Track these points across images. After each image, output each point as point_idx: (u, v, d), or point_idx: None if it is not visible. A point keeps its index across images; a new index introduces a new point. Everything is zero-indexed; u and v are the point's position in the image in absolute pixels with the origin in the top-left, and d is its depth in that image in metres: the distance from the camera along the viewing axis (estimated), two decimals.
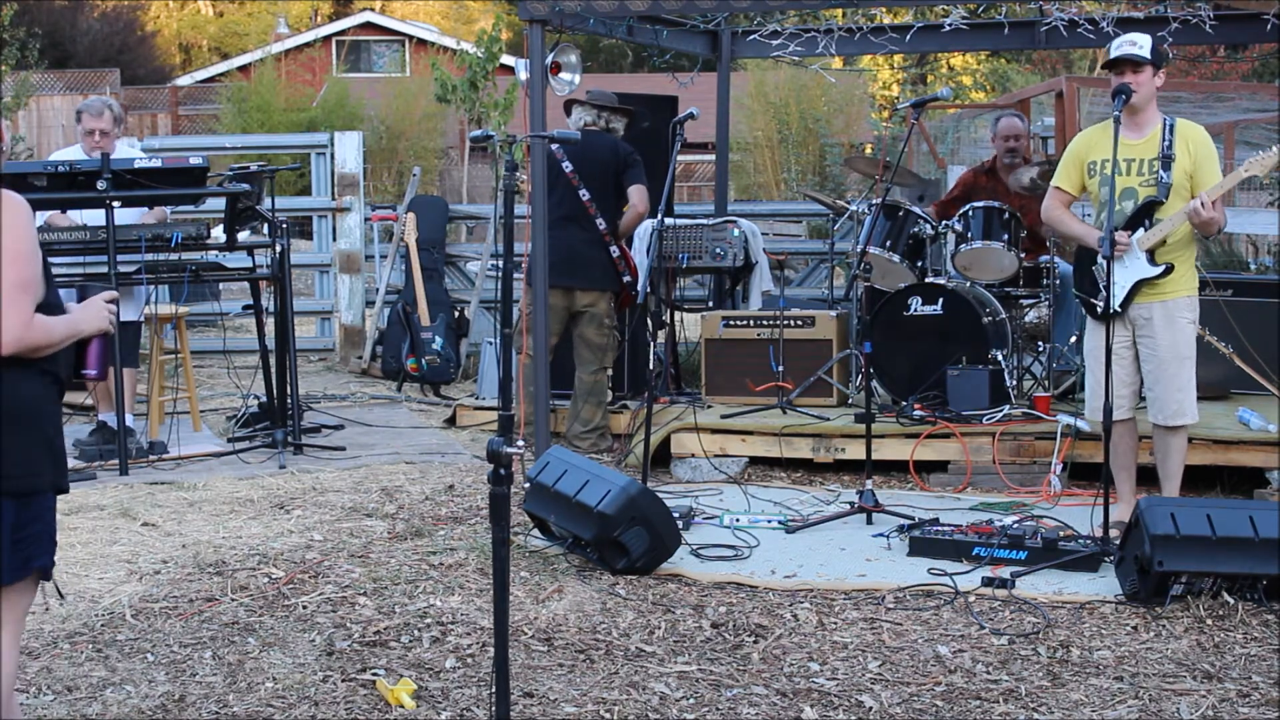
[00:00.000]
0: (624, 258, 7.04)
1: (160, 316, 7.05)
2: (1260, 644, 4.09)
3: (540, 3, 6.80)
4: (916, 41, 8.04)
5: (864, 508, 5.53)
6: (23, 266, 2.81)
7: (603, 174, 6.93)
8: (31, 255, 2.84)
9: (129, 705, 3.68)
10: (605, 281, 6.99)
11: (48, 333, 2.87)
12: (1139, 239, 5.20)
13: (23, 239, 2.82)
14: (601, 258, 6.95)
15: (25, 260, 2.82)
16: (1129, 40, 5.23)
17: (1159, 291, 5.22)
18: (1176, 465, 5.34)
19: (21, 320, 2.79)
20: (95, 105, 6.89)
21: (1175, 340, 5.23)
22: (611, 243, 6.96)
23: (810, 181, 16.15)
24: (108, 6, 29.12)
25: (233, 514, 5.68)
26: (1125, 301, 5.24)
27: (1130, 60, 5.15)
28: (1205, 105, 11.55)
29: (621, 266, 7.02)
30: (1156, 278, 5.20)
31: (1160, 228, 5.18)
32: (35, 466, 2.87)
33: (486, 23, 23.98)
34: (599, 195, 6.92)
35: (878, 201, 6.76)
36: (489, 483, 3.00)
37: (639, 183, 6.94)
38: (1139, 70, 5.17)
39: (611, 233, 6.96)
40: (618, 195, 6.96)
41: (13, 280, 2.79)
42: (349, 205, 10.01)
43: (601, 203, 6.92)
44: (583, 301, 6.96)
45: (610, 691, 3.76)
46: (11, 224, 2.82)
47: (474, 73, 18.84)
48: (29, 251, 2.83)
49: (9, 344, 2.79)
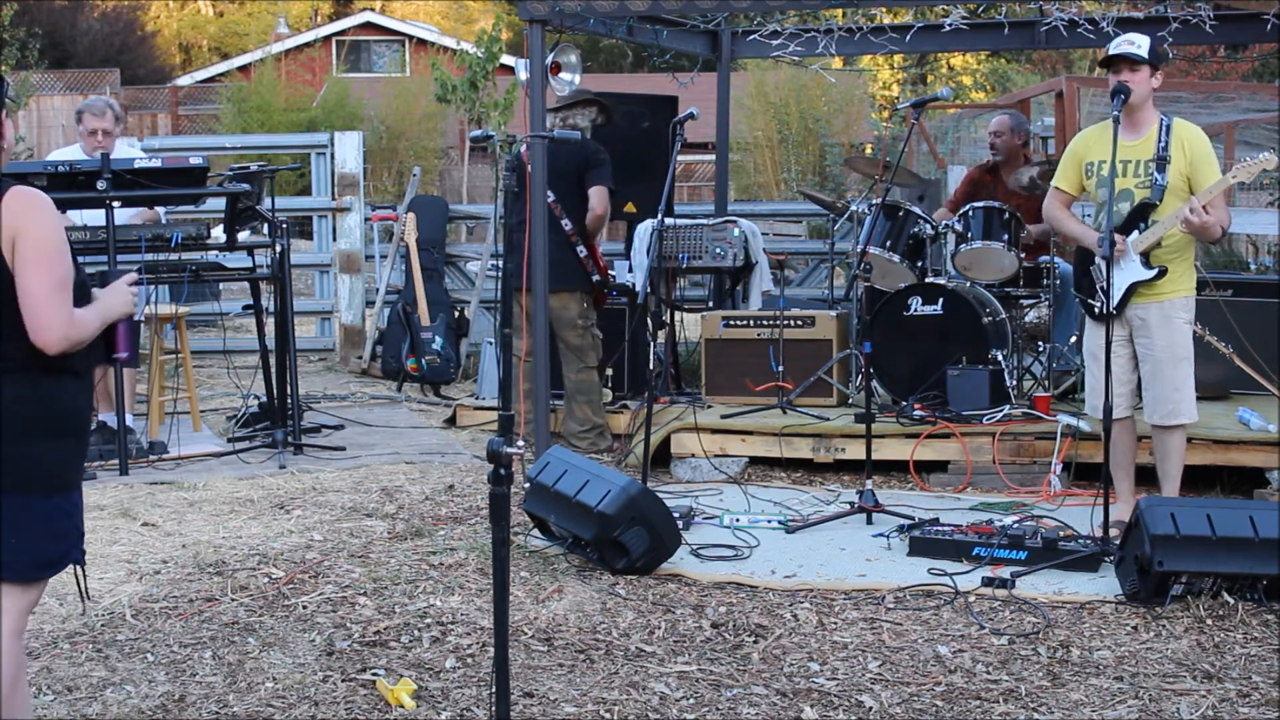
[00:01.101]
0: (593, 257, 6.99)
1: (160, 316, 7.05)
2: (1260, 644, 4.09)
3: (540, 3, 6.80)
4: (916, 41, 8.04)
5: (864, 508, 5.53)
6: (57, 265, 2.86)
7: (565, 175, 6.87)
8: (64, 251, 2.89)
9: (129, 705, 3.68)
10: (573, 282, 6.93)
11: (86, 326, 2.93)
12: (1133, 241, 5.21)
13: (54, 237, 2.87)
14: (568, 259, 6.89)
15: (59, 258, 2.87)
16: (1127, 39, 5.23)
17: (1155, 292, 5.22)
18: (1175, 465, 5.34)
19: (64, 319, 2.85)
20: (97, 105, 6.89)
21: (1172, 340, 5.23)
22: (579, 243, 6.92)
23: (810, 181, 16.14)
24: (108, 6, 29.12)
25: (233, 514, 5.68)
26: (1121, 303, 5.24)
27: (1127, 58, 5.15)
28: (1205, 105, 11.56)
29: (590, 266, 6.97)
30: (1150, 280, 5.20)
31: (1154, 230, 5.18)
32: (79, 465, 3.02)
33: (486, 23, 23.99)
34: (564, 196, 6.86)
35: (878, 201, 6.76)
36: (489, 483, 3.01)
37: (600, 184, 6.85)
38: (1136, 69, 5.16)
39: (579, 233, 6.92)
40: (582, 195, 6.89)
41: (52, 281, 2.84)
42: (349, 205, 10.01)
43: (567, 203, 6.86)
44: (553, 305, 6.91)
45: (610, 691, 3.76)
46: (41, 222, 2.86)
47: (474, 73, 18.84)
48: (61, 249, 2.88)
49: (56, 343, 2.85)
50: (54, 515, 2.93)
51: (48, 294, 2.83)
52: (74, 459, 3.00)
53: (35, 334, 2.83)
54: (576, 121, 7.01)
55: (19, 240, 2.82)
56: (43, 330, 2.83)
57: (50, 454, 2.91)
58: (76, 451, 3.01)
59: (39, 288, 2.82)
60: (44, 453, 2.89)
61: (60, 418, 2.93)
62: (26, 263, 2.82)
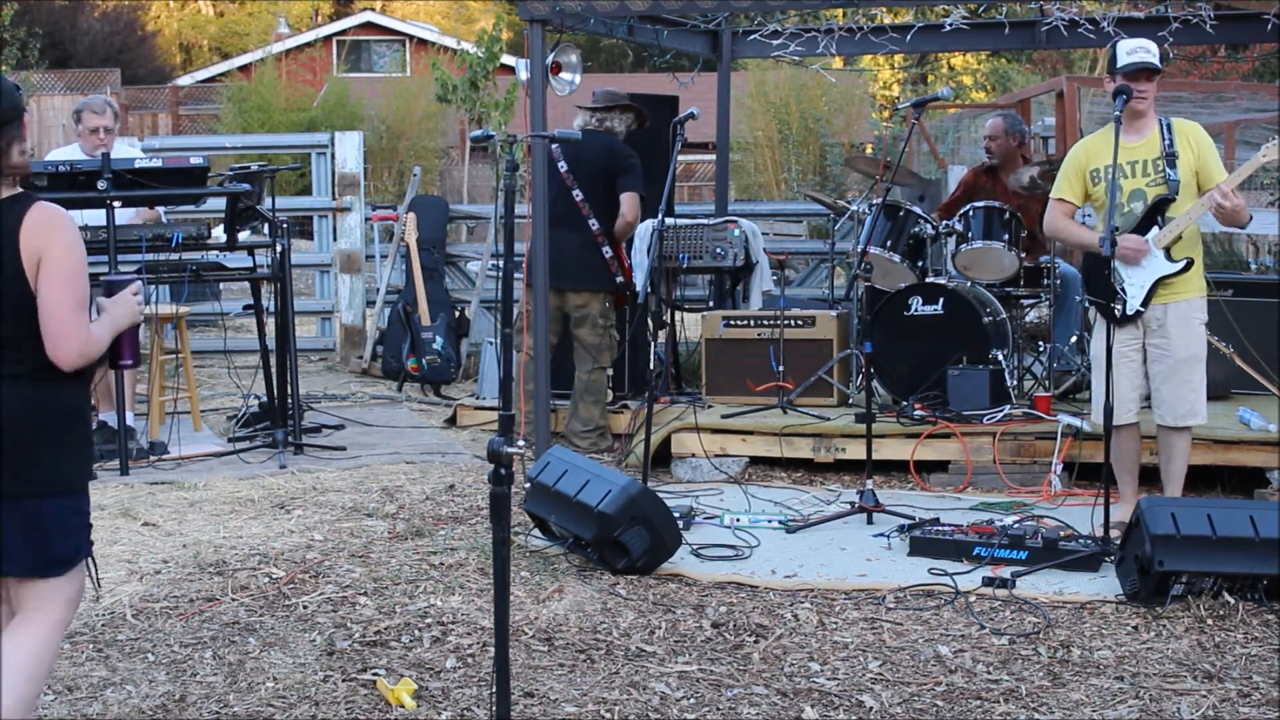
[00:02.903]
0: (618, 258, 7.01)
1: (161, 316, 7.05)
2: (1260, 644, 4.09)
3: (541, 3, 6.80)
4: (917, 41, 8.03)
5: (864, 508, 5.53)
6: (79, 285, 2.98)
7: (596, 175, 6.90)
8: (84, 271, 3.01)
9: (129, 705, 3.68)
10: (597, 282, 6.96)
11: (100, 343, 3.05)
12: (1155, 237, 5.21)
13: (78, 257, 2.98)
14: (593, 259, 6.92)
15: (80, 279, 2.98)
16: (1143, 48, 5.21)
17: (1174, 292, 5.22)
18: (1181, 466, 5.34)
19: (82, 338, 2.97)
20: (97, 103, 6.89)
21: (1189, 341, 5.24)
22: (605, 244, 6.94)
23: (810, 181, 16.15)
24: (108, 6, 29.11)
25: (233, 514, 5.68)
26: (1145, 301, 5.23)
27: (1148, 69, 5.16)
28: (1206, 105, 11.55)
29: (614, 267, 6.99)
30: (1176, 274, 5.20)
31: (1176, 223, 5.18)
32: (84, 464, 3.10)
33: (487, 23, 23.98)
34: (592, 196, 6.89)
35: (878, 201, 6.76)
36: (489, 482, 3.01)
37: (632, 190, 6.88)
38: (1152, 79, 5.19)
39: (605, 233, 6.94)
40: (611, 197, 6.92)
41: (74, 301, 2.96)
42: (349, 205, 10.01)
43: (594, 204, 6.89)
44: (574, 302, 6.94)
45: (611, 691, 3.76)
46: (67, 242, 2.96)
47: (474, 73, 18.84)
48: (83, 269, 3.00)
49: (73, 359, 2.97)
50: (66, 514, 3.05)
51: (69, 314, 2.94)
52: (84, 460, 3.10)
53: (54, 350, 2.94)
54: (613, 125, 7.03)
55: (45, 258, 2.93)
56: (61, 347, 2.94)
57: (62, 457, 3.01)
58: (86, 453, 3.11)
59: (61, 308, 2.93)
60: (56, 457, 3.00)
61: (68, 422, 3.03)
62: (50, 281, 2.93)
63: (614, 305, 7.11)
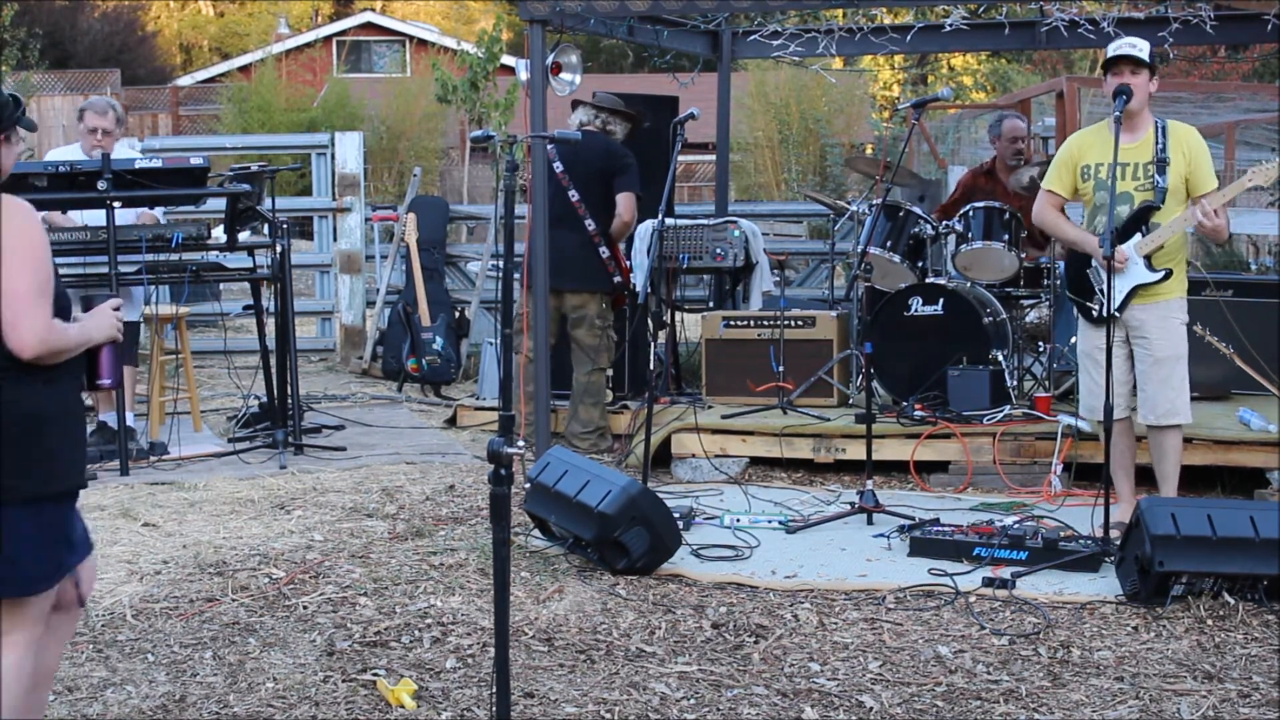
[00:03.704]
0: (615, 259, 7.00)
1: (160, 316, 7.05)
2: (1261, 644, 4.09)
3: (541, 3, 6.80)
4: (917, 42, 8.03)
5: (864, 508, 5.53)
6: (40, 268, 2.81)
7: (593, 176, 6.90)
8: (46, 259, 2.85)
9: (129, 705, 3.68)
10: (595, 283, 6.95)
11: (65, 337, 2.88)
12: (1136, 245, 5.21)
13: (37, 244, 2.82)
14: (590, 259, 6.91)
15: (41, 265, 2.82)
16: (1129, 41, 5.24)
17: (1153, 294, 5.23)
18: (1173, 465, 5.34)
19: (44, 324, 2.80)
20: (100, 104, 6.89)
21: (1169, 340, 5.25)
22: (601, 244, 6.93)
23: (811, 182, 16.14)
24: (108, 6, 29.12)
25: (233, 514, 5.68)
26: (1121, 306, 5.24)
27: (1130, 59, 5.15)
28: (1206, 105, 11.56)
29: (612, 268, 6.98)
30: (1155, 283, 5.20)
31: (1159, 233, 5.18)
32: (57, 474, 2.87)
33: (487, 23, 23.99)
34: (589, 197, 6.88)
35: (878, 202, 6.76)
36: (489, 483, 3.01)
37: (628, 190, 6.88)
38: (1138, 72, 5.17)
39: (602, 234, 6.93)
40: (608, 197, 6.91)
41: (33, 286, 2.79)
42: (349, 205, 10.01)
43: (591, 204, 6.88)
44: (572, 303, 6.94)
45: (611, 692, 3.76)
46: (24, 229, 2.82)
47: (474, 73, 18.84)
48: (44, 256, 2.84)
49: (33, 348, 2.78)
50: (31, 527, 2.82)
51: (24, 298, 2.76)
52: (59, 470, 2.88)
53: (11, 335, 2.76)
54: (613, 128, 7.03)
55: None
56: (20, 331, 2.76)
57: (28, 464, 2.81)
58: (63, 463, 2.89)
59: (13, 293, 2.75)
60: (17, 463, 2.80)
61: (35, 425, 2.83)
62: (6, 264, 2.76)
63: (612, 306, 7.11)
